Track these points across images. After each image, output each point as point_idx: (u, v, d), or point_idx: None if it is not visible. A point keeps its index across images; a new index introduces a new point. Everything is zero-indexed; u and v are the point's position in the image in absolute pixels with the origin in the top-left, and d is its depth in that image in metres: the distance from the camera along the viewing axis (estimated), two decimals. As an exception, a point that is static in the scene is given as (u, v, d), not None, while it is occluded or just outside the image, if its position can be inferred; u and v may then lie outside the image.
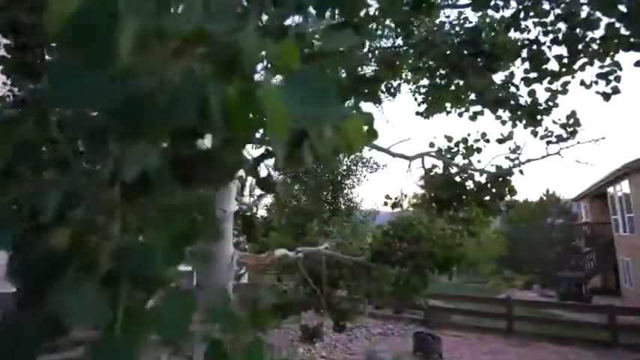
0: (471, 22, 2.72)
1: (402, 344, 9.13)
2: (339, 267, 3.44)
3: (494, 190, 2.68)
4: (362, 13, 2.28)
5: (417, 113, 3.35)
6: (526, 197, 29.60)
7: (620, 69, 2.35)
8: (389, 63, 2.93)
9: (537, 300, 16.01)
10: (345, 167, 8.67)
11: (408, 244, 3.30)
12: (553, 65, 2.73)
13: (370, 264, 3.27)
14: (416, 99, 3.45)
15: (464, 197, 2.68)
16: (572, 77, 2.50)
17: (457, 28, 2.66)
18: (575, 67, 2.61)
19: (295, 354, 6.78)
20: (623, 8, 2.02)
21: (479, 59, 2.63)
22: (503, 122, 2.72)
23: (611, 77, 2.42)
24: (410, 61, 2.85)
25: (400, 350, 8.75)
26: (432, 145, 2.86)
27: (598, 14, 2.30)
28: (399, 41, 3.13)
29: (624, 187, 14.73)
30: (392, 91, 3.26)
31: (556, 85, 2.60)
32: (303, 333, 3.66)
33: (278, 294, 3.38)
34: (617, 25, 2.18)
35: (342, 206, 8.69)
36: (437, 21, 2.69)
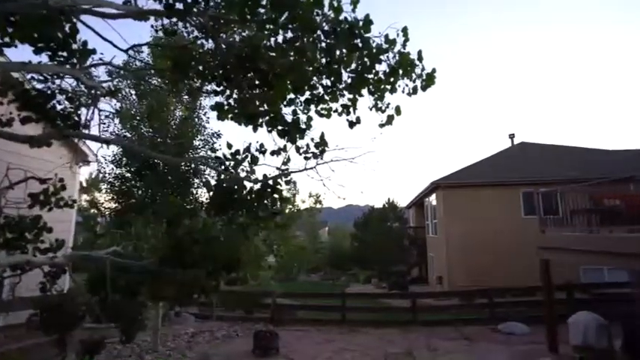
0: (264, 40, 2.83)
1: (244, 344, 9.06)
2: (127, 272, 3.13)
3: (265, 198, 2.89)
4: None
5: (230, 119, 3.34)
6: (373, 204, 33.96)
7: (355, 106, 2.88)
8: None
9: (367, 292, 18.21)
10: (193, 166, 7.99)
11: (201, 246, 3.24)
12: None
13: (158, 268, 3.08)
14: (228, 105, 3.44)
15: (237, 204, 2.80)
16: (328, 104, 2.92)
17: (240, 43, 2.77)
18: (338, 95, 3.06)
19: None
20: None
21: (259, 76, 2.80)
22: (280, 135, 2.97)
23: (351, 109, 2.93)
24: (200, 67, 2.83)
25: (241, 350, 8.68)
26: (214, 150, 2.93)
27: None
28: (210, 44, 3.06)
29: (433, 199, 18.29)
30: (193, 92, 3.19)
31: (322, 109, 2.98)
32: (82, 347, 3.18)
33: (48, 306, 2.86)
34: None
35: (188, 206, 8.03)
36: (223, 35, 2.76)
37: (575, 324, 7.49)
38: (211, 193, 2.71)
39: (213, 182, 2.83)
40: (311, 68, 2.75)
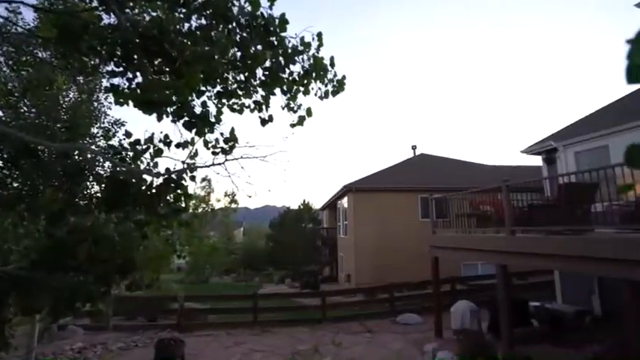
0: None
1: (145, 355, 8.19)
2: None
3: (167, 194, 2.65)
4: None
5: (133, 105, 2.92)
6: (289, 206, 34.30)
7: (268, 103, 2.85)
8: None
9: (280, 292, 18.18)
10: (90, 156, 6.67)
11: (89, 247, 2.80)
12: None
13: (29, 273, 2.56)
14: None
15: (134, 199, 2.50)
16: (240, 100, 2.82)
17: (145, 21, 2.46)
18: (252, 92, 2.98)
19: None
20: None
21: (167, 61, 2.54)
22: (187, 127, 2.74)
23: (263, 107, 2.90)
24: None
25: (139, 362, 7.84)
26: (108, 138, 2.58)
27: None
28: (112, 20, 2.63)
29: (345, 201, 19.22)
30: (88, 70, 2.75)
31: (236, 104, 2.87)
32: None
33: None
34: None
35: (82, 202, 6.72)
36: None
37: (455, 312, 8.64)
38: (103, 187, 2.35)
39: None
40: (224, 60, 2.60)
